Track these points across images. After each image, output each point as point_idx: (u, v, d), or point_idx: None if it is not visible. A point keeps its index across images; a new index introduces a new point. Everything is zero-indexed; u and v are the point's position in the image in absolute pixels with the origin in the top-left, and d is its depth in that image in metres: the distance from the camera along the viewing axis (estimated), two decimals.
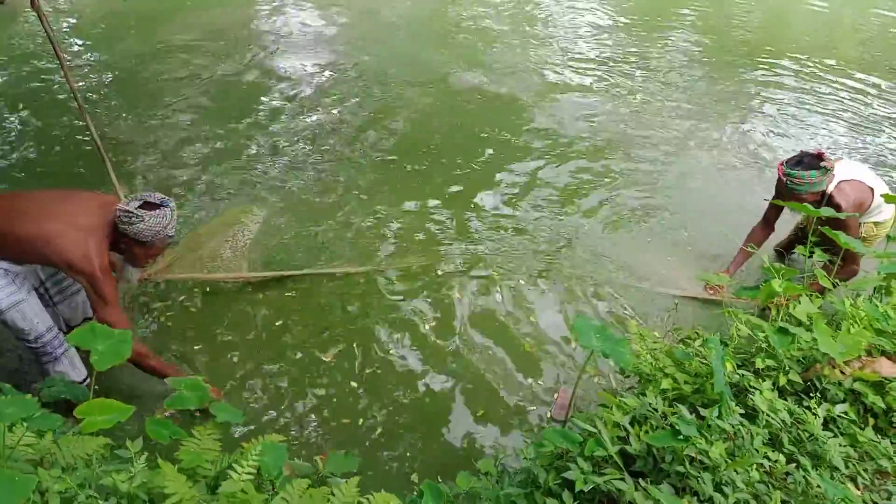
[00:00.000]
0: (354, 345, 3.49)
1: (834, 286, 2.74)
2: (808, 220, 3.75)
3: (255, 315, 3.66)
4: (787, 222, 4.07)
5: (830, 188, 3.37)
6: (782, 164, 3.40)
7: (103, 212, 2.71)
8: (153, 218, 2.68)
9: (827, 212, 2.95)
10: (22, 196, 2.86)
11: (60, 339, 2.92)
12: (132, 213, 2.65)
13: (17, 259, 2.70)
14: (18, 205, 2.70)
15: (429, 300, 3.81)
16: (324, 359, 3.42)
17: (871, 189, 3.44)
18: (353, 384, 3.28)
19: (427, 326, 3.64)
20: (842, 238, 2.79)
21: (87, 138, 5.05)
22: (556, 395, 3.19)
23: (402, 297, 3.82)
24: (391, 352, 3.47)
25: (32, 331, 2.80)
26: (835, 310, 2.55)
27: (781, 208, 3.64)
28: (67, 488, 1.51)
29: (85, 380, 3.05)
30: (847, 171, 3.44)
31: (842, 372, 2.15)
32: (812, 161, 3.32)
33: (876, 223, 3.55)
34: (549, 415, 3.10)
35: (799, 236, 3.97)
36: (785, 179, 3.34)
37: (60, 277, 3.06)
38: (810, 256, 2.85)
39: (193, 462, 1.80)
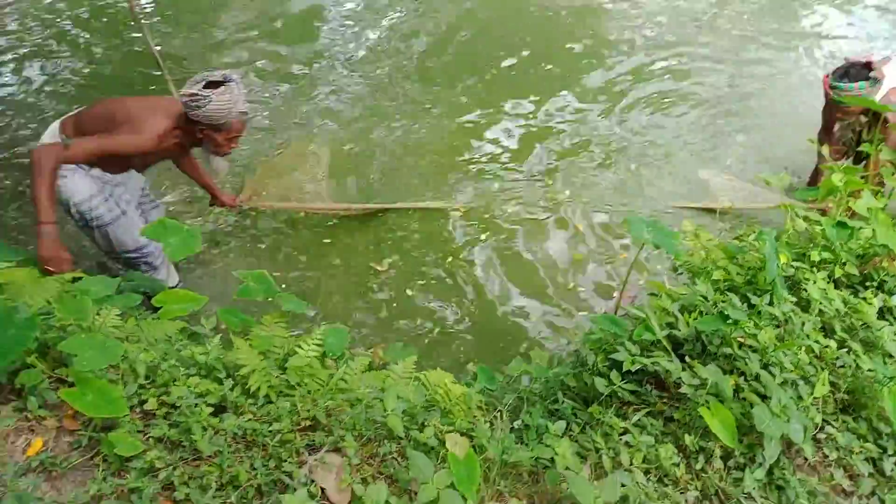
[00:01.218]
0: (409, 257, 3.59)
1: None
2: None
3: (311, 233, 3.76)
4: None
5: (878, 97, 3.12)
6: (827, 75, 3.17)
7: (176, 109, 2.71)
8: (220, 95, 2.58)
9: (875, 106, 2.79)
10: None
11: (160, 248, 2.91)
12: (197, 94, 2.56)
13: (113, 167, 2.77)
14: (103, 105, 2.77)
15: (486, 215, 3.84)
16: (378, 269, 3.52)
17: None
18: (409, 292, 3.39)
19: (483, 237, 3.69)
20: None
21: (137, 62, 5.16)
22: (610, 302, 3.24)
23: (459, 214, 3.87)
24: (446, 265, 3.55)
25: (135, 242, 2.83)
26: None
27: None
28: (152, 359, 1.65)
29: (178, 284, 3.18)
30: None
31: None
32: (859, 71, 3.08)
33: None
34: None
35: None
36: (831, 92, 3.12)
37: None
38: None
39: (264, 345, 1.93)
